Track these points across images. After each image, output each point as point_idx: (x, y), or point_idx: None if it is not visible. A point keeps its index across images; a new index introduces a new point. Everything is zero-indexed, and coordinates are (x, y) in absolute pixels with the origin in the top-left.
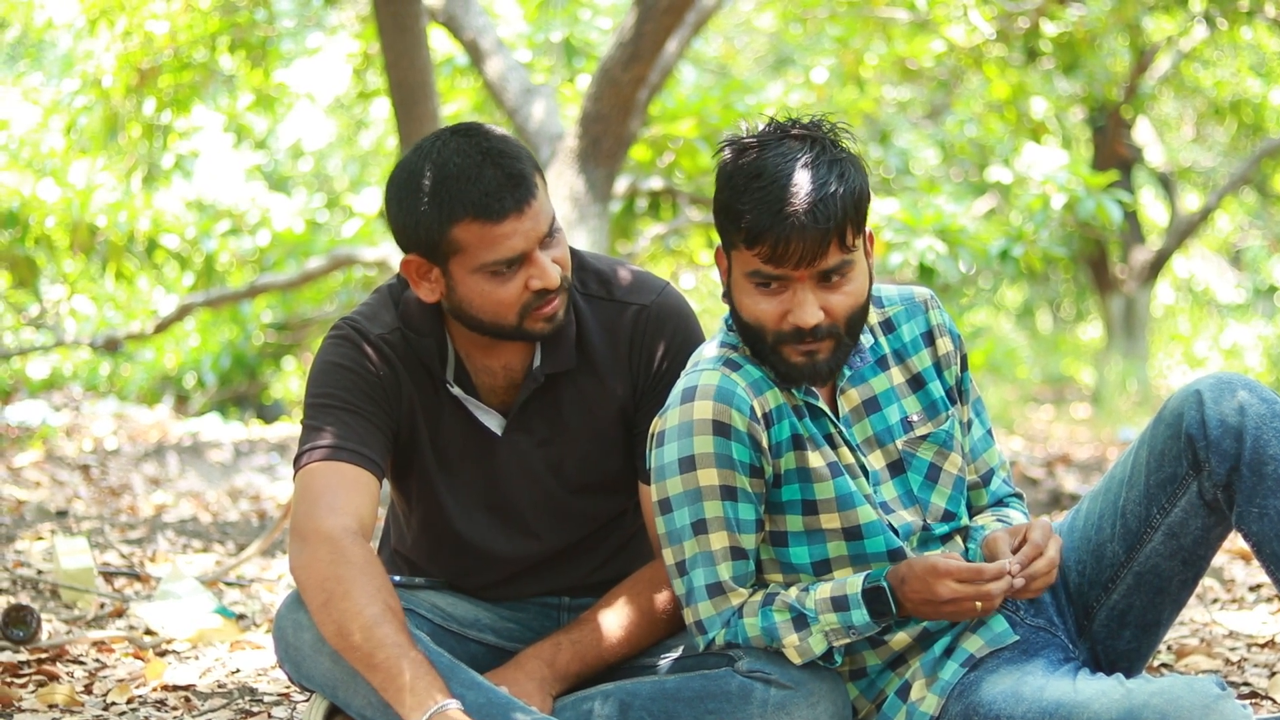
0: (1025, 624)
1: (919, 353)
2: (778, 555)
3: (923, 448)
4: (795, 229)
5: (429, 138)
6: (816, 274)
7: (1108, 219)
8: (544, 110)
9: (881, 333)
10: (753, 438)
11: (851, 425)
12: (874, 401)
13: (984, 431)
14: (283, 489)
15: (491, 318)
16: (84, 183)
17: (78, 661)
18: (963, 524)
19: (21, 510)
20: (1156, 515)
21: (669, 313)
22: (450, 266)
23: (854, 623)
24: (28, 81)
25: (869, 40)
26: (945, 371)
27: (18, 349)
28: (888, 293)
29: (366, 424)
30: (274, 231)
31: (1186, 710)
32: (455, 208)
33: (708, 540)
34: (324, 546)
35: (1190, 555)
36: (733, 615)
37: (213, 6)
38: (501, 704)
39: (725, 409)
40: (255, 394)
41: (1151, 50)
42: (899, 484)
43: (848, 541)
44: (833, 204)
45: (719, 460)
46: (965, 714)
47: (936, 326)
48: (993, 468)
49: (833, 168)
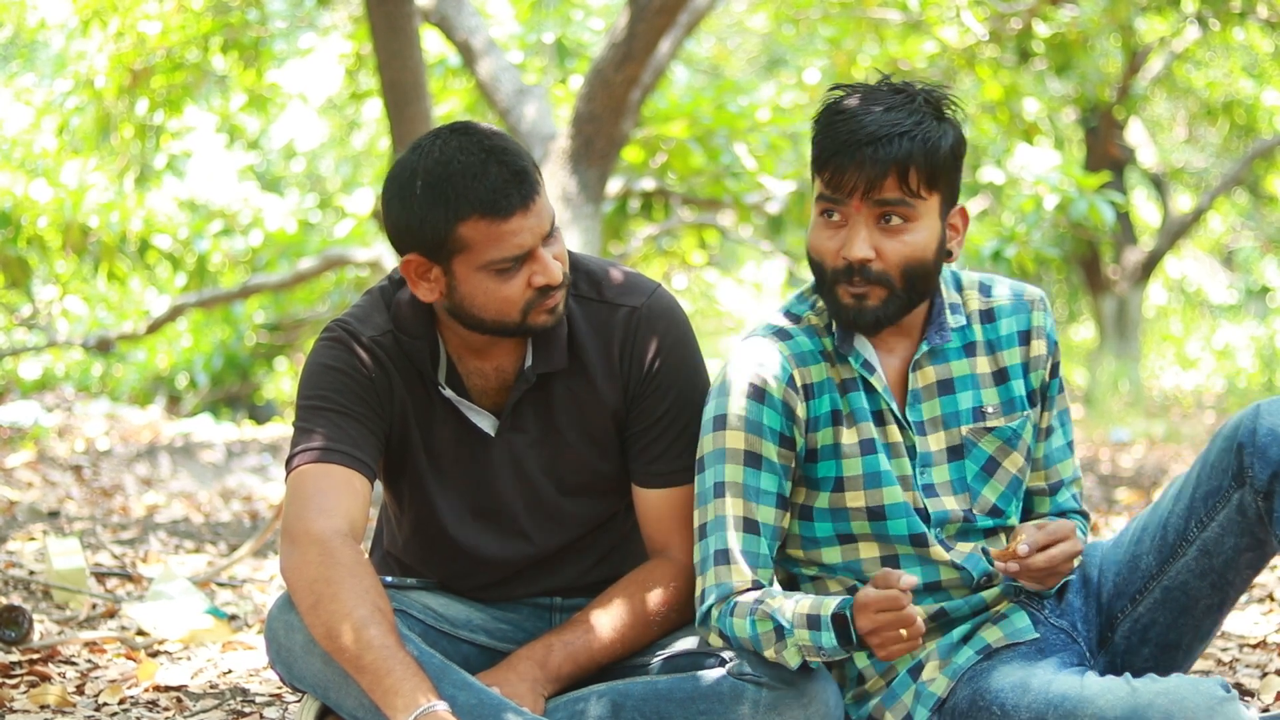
0: (1048, 623)
1: (1011, 349)
2: (802, 530)
3: (986, 439)
4: (856, 156)
5: (426, 136)
6: (874, 210)
7: (1100, 220)
8: (536, 111)
9: (979, 320)
10: (787, 405)
11: (921, 401)
12: (949, 384)
13: (1064, 443)
14: (275, 490)
15: (495, 315)
16: (76, 183)
17: (70, 662)
18: (1009, 523)
19: (13, 511)
20: (1194, 529)
21: (660, 314)
22: (453, 265)
23: (823, 644)
24: (20, 82)
25: (861, 41)
26: (1033, 373)
27: (10, 349)
28: (999, 285)
29: (358, 426)
30: (266, 232)
31: (1191, 710)
32: (461, 205)
33: (724, 504)
34: (314, 548)
35: (1219, 579)
36: (730, 595)
37: (205, 7)
38: (493, 705)
39: (763, 374)
40: (247, 395)
41: (1144, 51)
42: (954, 469)
43: (870, 521)
44: (899, 142)
45: (749, 425)
46: (972, 699)
47: (1036, 328)
48: (1064, 480)
49: (913, 116)
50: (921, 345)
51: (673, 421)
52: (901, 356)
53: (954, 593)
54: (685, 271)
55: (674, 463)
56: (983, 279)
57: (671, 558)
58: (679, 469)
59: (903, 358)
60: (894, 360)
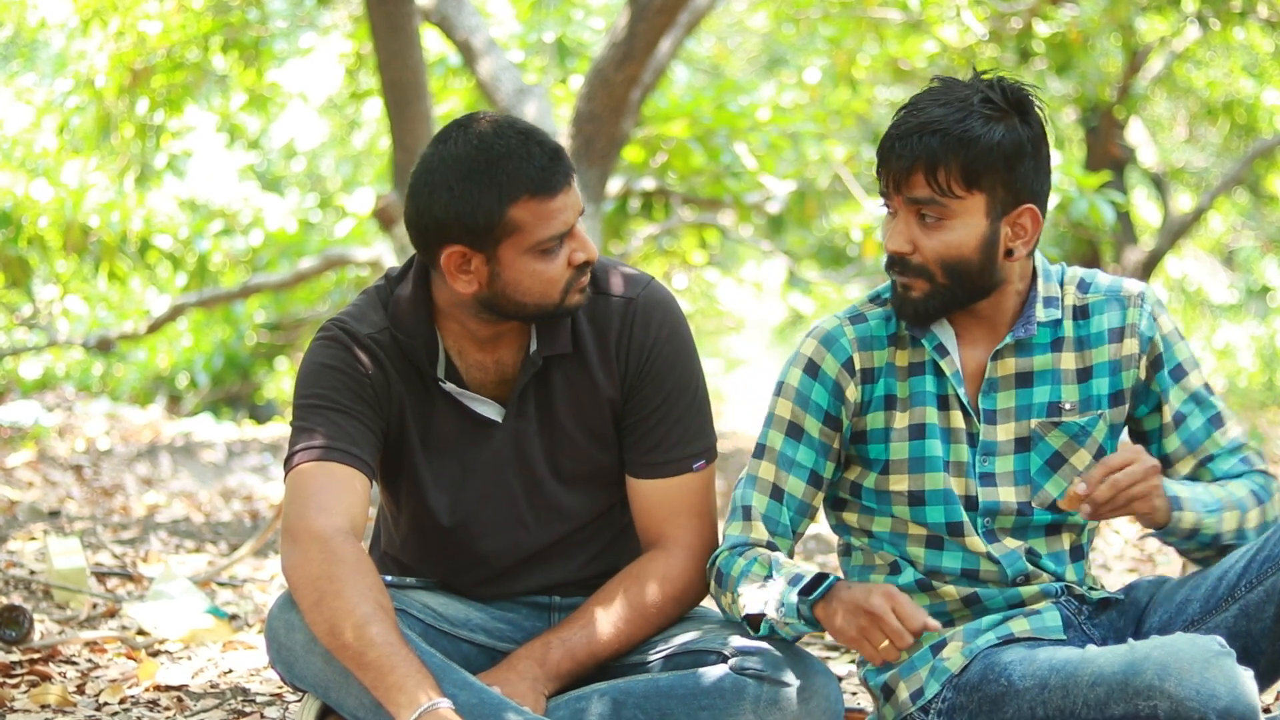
0: (1079, 628)
1: (1100, 346)
2: (864, 500)
3: (1053, 434)
4: (890, 151)
5: (450, 129)
6: (910, 203)
7: (1100, 219)
8: (536, 110)
9: (1072, 316)
10: (839, 385)
11: (997, 390)
12: (1029, 377)
13: (1203, 421)
14: (275, 489)
15: (538, 298)
16: (77, 183)
17: (70, 662)
18: (1069, 521)
19: (14, 510)
20: (1242, 589)
21: (655, 305)
22: (500, 250)
23: (783, 599)
24: (21, 81)
25: (862, 41)
26: (1124, 372)
27: (10, 349)
28: (1100, 282)
29: (356, 424)
30: (267, 231)
31: (1187, 662)
32: (514, 187)
33: (759, 465)
34: (315, 546)
35: (1249, 647)
36: (742, 544)
37: (206, 7)
38: (494, 704)
39: (823, 351)
40: (248, 394)
41: (1144, 51)
42: (1019, 460)
43: (911, 506)
44: (928, 139)
45: (798, 397)
46: (983, 673)
47: (1130, 326)
48: (1214, 454)
49: (960, 113)
50: (1006, 338)
51: (668, 412)
52: (985, 348)
53: (990, 584)
54: (686, 271)
55: (668, 453)
56: (1085, 274)
57: (667, 549)
58: (673, 460)
59: (987, 349)
60: (976, 351)
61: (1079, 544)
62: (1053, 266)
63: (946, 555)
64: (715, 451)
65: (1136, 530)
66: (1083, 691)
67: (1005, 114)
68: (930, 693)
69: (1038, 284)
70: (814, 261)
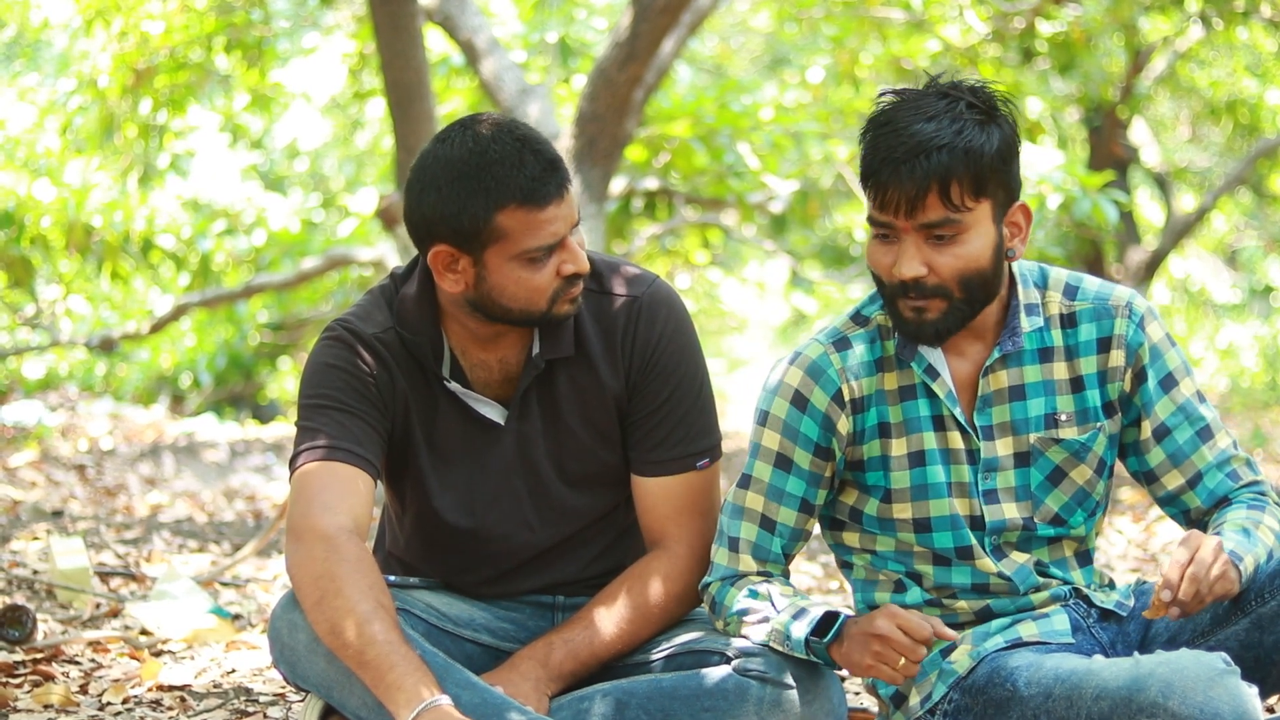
0: (1088, 631)
1: (1089, 356)
2: (865, 525)
3: (1053, 450)
4: (894, 176)
5: (452, 128)
6: (921, 228)
7: (1103, 219)
8: (539, 110)
9: (1059, 325)
10: (829, 418)
11: (991, 406)
12: (1021, 390)
13: (1192, 434)
14: (278, 489)
15: (523, 305)
16: (80, 182)
17: (73, 661)
18: (1072, 532)
19: (17, 510)
20: (1253, 602)
21: (660, 302)
22: (486, 255)
23: (788, 634)
24: (24, 81)
25: (864, 40)
26: (1109, 384)
27: (13, 349)
28: (1086, 288)
29: (361, 424)
30: (270, 231)
31: (1192, 680)
32: (502, 194)
33: (745, 495)
34: (319, 544)
35: (1260, 658)
36: (735, 576)
37: (209, 6)
38: (497, 704)
39: (810, 384)
40: (251, 394)
41: (1147, 50)
42: (1019, 475)
43: (916, 534)
44: (936, 156)
45: (785, 429)
46: (989, 676)
47: (1117, 336)
48: (1203, 469)
49: (955, 123)
50: (994, 351)
51: (672, 409)
52: (973, 360)
53: (1001, 596)
54: (688, 271)
55: (672, 451)
56: (1070, 278)
57: (670, 549)
58: (677, 458)
59: (974, 362)
60: (965, 364)
61: (1084, 550)
62: (1029, 270)
63: (955, 571)
64: (720, 450)
65: (1138, 530)
66: (1086, 704)
67: (990, 116)
68: (937, 695)
69: (1017, 291)
70: (817, 261)
